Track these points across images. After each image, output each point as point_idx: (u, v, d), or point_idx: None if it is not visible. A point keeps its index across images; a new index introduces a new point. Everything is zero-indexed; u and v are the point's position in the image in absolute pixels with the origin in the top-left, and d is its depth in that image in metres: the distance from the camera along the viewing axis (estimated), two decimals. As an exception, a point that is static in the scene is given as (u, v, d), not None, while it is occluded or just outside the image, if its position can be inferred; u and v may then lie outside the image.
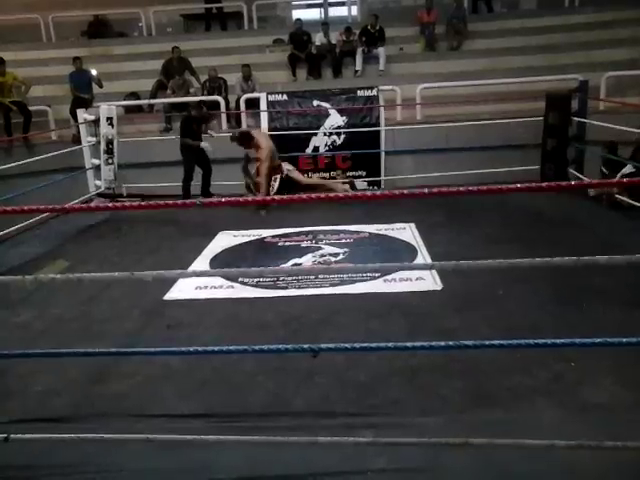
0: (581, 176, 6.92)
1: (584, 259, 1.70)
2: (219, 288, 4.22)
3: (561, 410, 2.57)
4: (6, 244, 5.73)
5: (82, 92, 8.67)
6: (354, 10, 12.89)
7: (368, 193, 1.79)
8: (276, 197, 6.65)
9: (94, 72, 8.91)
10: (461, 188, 1.70)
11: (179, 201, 1.73)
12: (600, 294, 3.69)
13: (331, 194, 1.60)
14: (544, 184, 1.63)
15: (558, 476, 2.19)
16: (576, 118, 6.98)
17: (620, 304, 3.54)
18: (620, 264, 1.77)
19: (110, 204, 1.89)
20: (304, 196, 1.66)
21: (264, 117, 7.94)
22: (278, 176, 6.97)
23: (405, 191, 1.77)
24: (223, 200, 2.08)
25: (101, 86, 8.98)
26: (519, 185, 1.64)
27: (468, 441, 2.01)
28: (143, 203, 1.69)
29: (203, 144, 7.06)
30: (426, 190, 1.66)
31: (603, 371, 2.80)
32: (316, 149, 7.90)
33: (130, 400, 2.82)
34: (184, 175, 7.11)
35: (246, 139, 6.92)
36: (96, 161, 7.64)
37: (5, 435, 2.17)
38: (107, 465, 2.31)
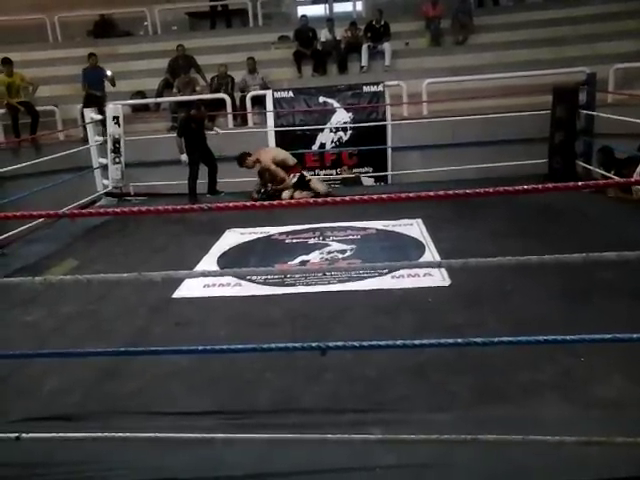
0: (590, 167, 6.88)
1: (593, 255, 1.69)
2: (227, 286, 4.23)
3: (570, 406, 2.56)
4: (18, 243, 5.79)
5: (95, 89, 8.67)
6: (359, 5, 12.84)
7: (374, 196, 1.79)
8: (284, 202, 6.74)
9: (109, 72, 8.91)
10: (468, 190, 1.69)
11: (187, 206, 1.75)
12: (610, 288, 3.66)
13: (337, 198, 1.60)
14: (550, 185, 1.61)
15: (568, 472, 2.18)
16: (584, 111, 6.94)
17: (630, 298, 3.52)
18: (630, 259, 1.75)
19: (118, 209, 1.91)
20: (311, 200, 1.67)
21: (270, 114, 7.96)
22: (297, 174, 7.09)
23: (411, 194, 1.76)
24: (231, 205, 2.08)
25: (114, 85, 8.98)
26: (526, 187, 1.63)
27: (477, 437, 2.01)
28: (152, 208, 1.70)
29: (183, 157, 7.09)
30: (432, 193, 1.65)
31: (612, 366, 2.79)
32: (322, 146, 7.90)
33: (139, 398, 2.84)
34: (189, 174, 7.14)
35: (243, 159, 7.06)
36: (103, 160, 7.68)
37: (17, 434, 2.19)
38: (117, 463, 2.33)
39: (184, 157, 7.10)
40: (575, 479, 2.19)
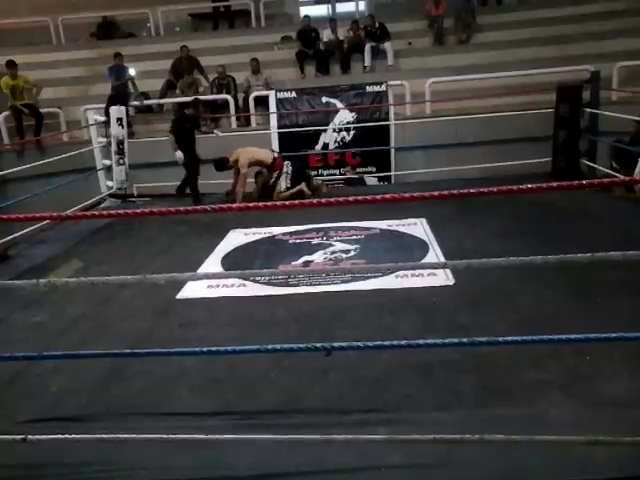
0: (595, 166, 6.85)
1: (599, 255, 1.68)
2: (231, 286, 4.24)
3: (577, 404, 2.55)
4: (25, 244, 5.82)
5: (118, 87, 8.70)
6: (362, 5, 12.83)
7: (378, 197, 1.79)
8: (287, 203, 6.73)
9: (132, 72, 8.90)
10: (471, 190, 1.69)
11: (190, 207, 1.75)
12: (615, 287, 3.65)
13: (340, 198, 1.60)
14: (554, 184, 1.61)
15: (574, 471, 2.17)
16: (588, 109, 6.91)
17: (637, 297, 3.51)
18: (636, 259, 1.74)
19: (121, 211, 1.93)
20: (314, 201, 1.67)
21: (273, 115, 7.96)
22: (284, 166, 6.95)
23: (415, 194, 1.76)
24: (234, 206, 2.10)
25: (135, 86, 8.96)
26: (530, 186, 1.63)
27: (483, 437, 2.00)
28: (155, 210, 1.70)
29: (177, 154, 6.94)
30: (436, 192, 1.65)
31: (618, 365, 2.78)
32: (325, 146, 7.90)
33: (145, 399, 2.85)
34: (187, 175, 7.09)
35: (222, 164, 6.93)
36: (107, 162, 7.70)
37: (23, 436, 2.20)
38: (123, 464, 2.33)
39: (179, 154, 6.94)
40: (582, 479, 2.18)
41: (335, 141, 7.88)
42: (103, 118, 7.72)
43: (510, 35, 9.97)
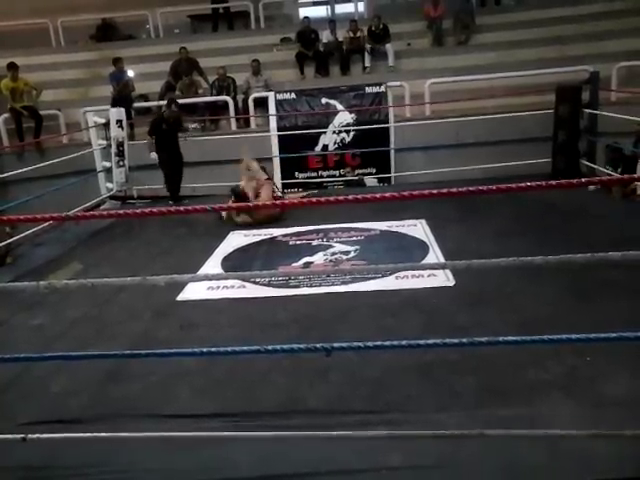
0: (594, 166, 6.86)
1: (598, 255, 1.68)
2: (231, 288, 4.23)
3: (577, 405, 2.55)
4: (26, 246, 5.83)
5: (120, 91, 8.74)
6: (361, 6, 12.84)
7: (377, 195, 1.79)
8: (287, 202, 6.69)
9: (131, 73, 8.89)
10: (471, 188, 1.69)
11: (190, 207, 1.75)
12: (615, 287, 3.65)
13: (340, 197, 1.60)
14: (553, 182, 1.61)
15: (575, 471, 2.17)
16: (587, 110, 6.92)
17: (635, 297, 3.51)
18: (635, 259, 1.75)
19: (121, 211, 1.93)
20: (314, 199, 1.67)
21: (272, 116, 7.96)
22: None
23: (415, 192, 1.76)
24: (234, 206, 2.09)
25: (133, 89, 8.99)
26: (529, 184, 1.63)
27: (483, 432, 2.00)
28: (155, 210, 1.70)
29: (152, 155, 6.97)
30: (435, 191, 1.65)
31: (619, 365, 2.78)
32: (325, 147, 7.89)
33: (145, 400, 2.85)
34: (164, 177, 7.10)
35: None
36: (107, 164, 7.70)
37: (23, 435, 2.20)
38: (123, 464, 2.33)
39: (153, 155, 6.96)
40: (583, 477, 2.18)
41: (335, 142, 7.88)
42: (103, 120, 7.72)
43: (509, 36, 9.97)
